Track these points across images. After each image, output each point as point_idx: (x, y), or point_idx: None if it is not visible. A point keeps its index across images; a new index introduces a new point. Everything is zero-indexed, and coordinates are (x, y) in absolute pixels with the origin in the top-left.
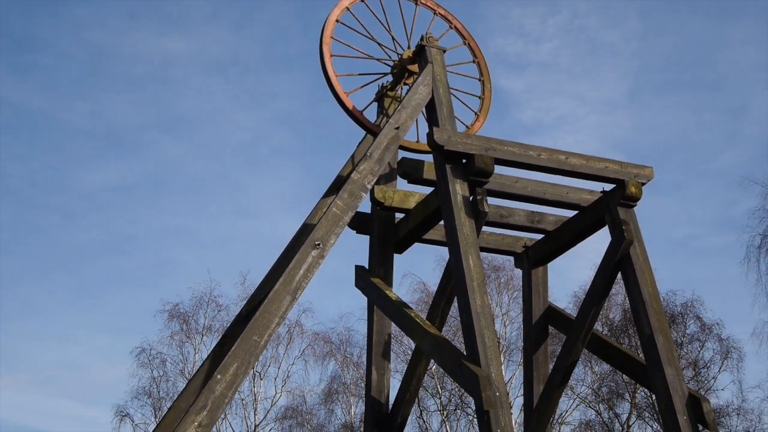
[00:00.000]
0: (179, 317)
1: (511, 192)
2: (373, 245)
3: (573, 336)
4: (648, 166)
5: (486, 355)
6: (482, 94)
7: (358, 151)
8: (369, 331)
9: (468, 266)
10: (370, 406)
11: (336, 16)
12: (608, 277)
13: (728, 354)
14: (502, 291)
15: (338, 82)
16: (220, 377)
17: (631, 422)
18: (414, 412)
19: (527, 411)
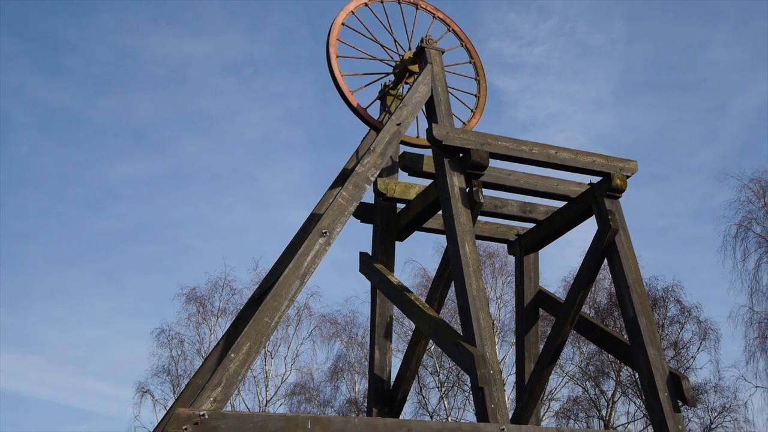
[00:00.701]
0: (196, 300)
1: (504, 184)
2: (376, 233)
3: (562, 318)
4: (632, 160)
5: (481, 336)
6: (478, 92)
7: (362, 145)
8: (372, 313)
9: (464, 253)
10: (373, 383)
11: (342, 19)
12: (595, 263)
13: (706, 335)
14: (497, 276)
15: (344, 81)
16: (234, 356)
17: (615, 399)
18: (414, 388)
19: (519, 388)
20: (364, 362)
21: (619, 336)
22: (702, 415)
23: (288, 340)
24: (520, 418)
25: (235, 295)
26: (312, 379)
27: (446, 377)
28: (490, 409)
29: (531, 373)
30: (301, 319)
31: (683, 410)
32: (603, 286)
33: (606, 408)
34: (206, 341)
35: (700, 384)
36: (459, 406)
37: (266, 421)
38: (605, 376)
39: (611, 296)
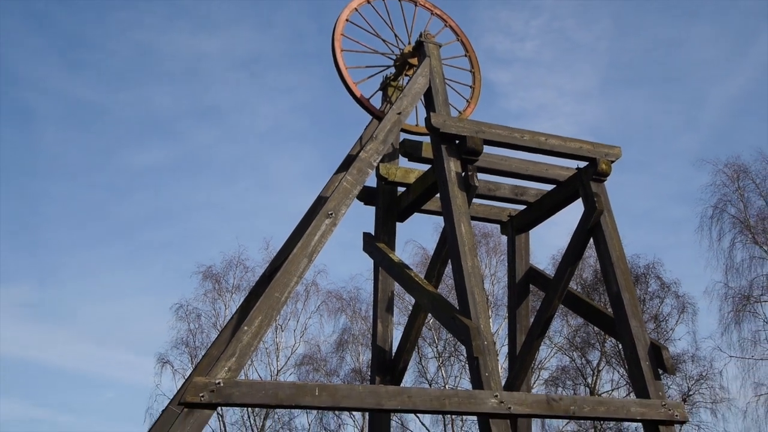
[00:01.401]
0: (212, 278)
1: (497, 168)
2: (378, 215)
3: (551, 293)
4: (617, 147)
5: (476, 310)
6: (473, 83)
7: (365, 133)
8: (375, 289)
9: (460, 233)
10: (375, 354)
11: (346, 16)
12: (582, 242)
13: (684, 309)
14: (491, 254)
15: (348, 74)
16: (247, 329)
17: (600, 368)
18: (414, 358)
19: (511, 358)
20: (367, 335)
21: (603, 310)
22: (680, 383)
23: (297, 314)
24: (512, 385)
25: (248, 273)
26: (319, 351)
27: (444, 348)
28: (485, 378)
29: (522, 344)
30: (309, 294)
31: (663, 378)
32: (589, 264)
33: (591, 376)
34: (221, 315)
35: (679, 354)
36: (456, 375)
37: (277, 389)
38: (591, 347)
39: (596, 273)
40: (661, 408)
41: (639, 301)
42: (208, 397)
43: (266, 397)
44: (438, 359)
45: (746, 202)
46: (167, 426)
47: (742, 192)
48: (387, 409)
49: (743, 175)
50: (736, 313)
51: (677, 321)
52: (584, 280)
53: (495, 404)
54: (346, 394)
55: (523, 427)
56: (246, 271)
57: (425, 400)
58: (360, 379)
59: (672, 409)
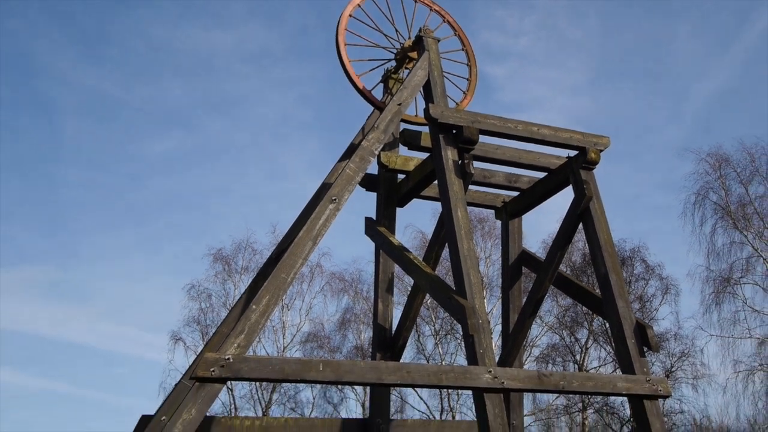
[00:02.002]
0: (222, 260)
1: (492, 157)
2: (379, 200)
3: (542, 275)
4: (605, 137)
5: (471, 290)
6: (469, 76)
7: (367, 123)
8: (376, 270)
9: (457, 218)
10: (376, 332)
11: (349, 11)
12: (571, 226)
13: (668, 290)
14: (486, 238)
15: (351, 67)
16: (255, 308)
17: (588, 345)
18: (412, 336)
19: (504, 336)
20: (368, 314)
21: (591, 290)
22: (664, 360)
23: (302, 294)
24: (505, 361)
25: (256, 255)
26: (323, 329)
27: (441, 326)
28: (479, 354)
29: (515, 323)
30: (314, 276)
31: (648, 355)
32: (578, 247)
33: (580, 353)
34: (231, 295)
35: (662, 333)
36: (452, 352)
37: (283, 364)
38: (579, 326)
39: (585, 256)
40: (646, 383)
41: (625, 283)
42: (218, 372)
43: (273, 372)
44: (435, 337)
45: (727, 189)
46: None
47: (723, 180)
48: (387, 384)
49: (724, 164)
50: (716, 294)
51: (661, 301)
52: (573, 262)
53: (489, 379)
54: (349, 370)
55: (516, 401)
56: (254, 253)
57: (423, 376)
58: (361, 356)
59: (656, 384)
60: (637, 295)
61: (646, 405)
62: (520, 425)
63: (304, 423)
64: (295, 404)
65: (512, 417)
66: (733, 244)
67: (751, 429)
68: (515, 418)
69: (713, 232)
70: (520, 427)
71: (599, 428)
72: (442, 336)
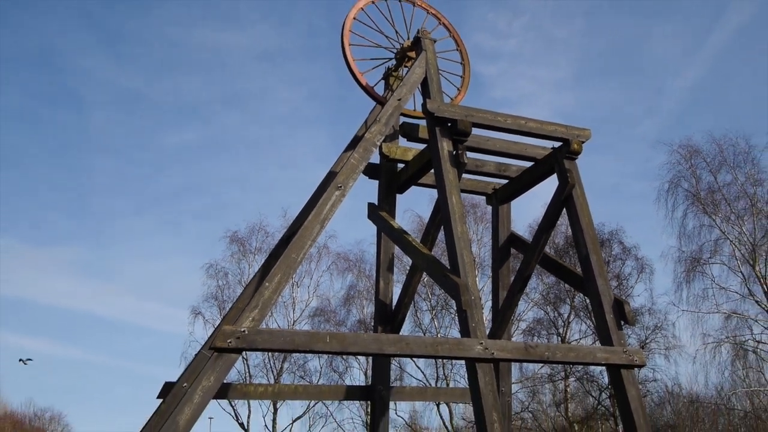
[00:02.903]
0: (237, 241)
1: (484, 148)
2: (381, 187)
3: (528, 255)
4: (587, 129)
5: (464, 269)
6: (463, 74)
7: (370, 117)
8: (378, 251)
9: (452, 203)
10: (378, 307)
11: (353, 14)
12: (556, 211)
13: (643, 269)
14: (477, 222)
15: (355, 65)
16: (268, 285)
17: (570, 320)
18: (411, 311)
19: (494, 311)
20: (371, 291)
21: (573, 269)
22: (639, 333)
23: (310, 273)
24: (494, 334)
25: (269, 237)
26: (329, 304)
27: (436, 302)
28: (471, 328)
29: (504, 299)
30: (321, 256)
31: (624, 328)
32: (561, 231)
33: (563, 327)
34: (245, 273)
35: (638, 308)
36: (446, 325)
37: (293, 336)
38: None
39: (568, 238)
40: (623, 354)
41: (604, 263)
42: (234, 343)
43: (284, 343)
44: (431, 312)
45: (697, 178)
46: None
47: (693, 169)
48: (387, 354)
49: (695, 154)
50: (687, 273)
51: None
52: (557, 244)
53: (480, 350)
54: (353, 341)
55: (504, 370)
56: (267, 235)
57: (421, 347)
58: (364, 329)
59: (632, 354)
60: (615, 274)
61: (623, 374)
62: (508, 392)
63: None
64: (304, 372)
65: (501, 384)
66: (702, 227)
67: (718, 395)
68: (504, 386)
69: (684, 217)
70: (508, 394)
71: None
72: (437, 311)
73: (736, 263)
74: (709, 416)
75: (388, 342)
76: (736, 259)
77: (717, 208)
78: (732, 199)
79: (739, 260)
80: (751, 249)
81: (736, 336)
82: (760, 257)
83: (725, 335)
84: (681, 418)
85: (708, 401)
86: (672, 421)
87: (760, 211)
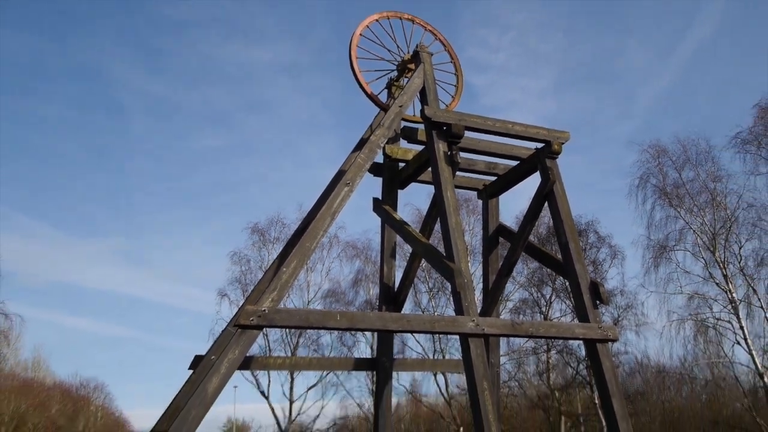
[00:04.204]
0: (258, 232)
1: (475, 148)
2: (384, 184)
3: (515, 243)
4: (566, 132)
5: (458, 256)
6: (457, 83)
7: (374, 121)
8: (382, 240)
9: (447, 197)
10: (382, 289)
11: (360, 31)
12: (539, 204)
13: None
14: (470, 214)
15: (362, 76)
16: (285, 270)
17: (552, 300)
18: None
19: (485, 292)
20: (376, 275)
21: (554, 256)
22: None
23: (323, 260)
24: (485, 313)
25: (285, 228)
26: (340, 287)
27: (433, 285)
28: (465, 307)
29: (493, 282)
30: (332, 244)
31: (599, 307)
32: (544, 221)
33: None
34: (265, 260)
35: (611, 289)
36: (442, 305)
37: (308, 314)
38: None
39: (549, 228)
40: (598, 330)
41: (581, 250)
42: (256, 321)
43: (300, 321)
44: (429, 293)
45: (664, 174)
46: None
47: (661, 167)
48: (391, 330)
49: (662, 154)
50: (655, 258)
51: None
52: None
53: (473, 326)
54: (360, 319)
55: (494, 344)
56: (284, 227)
57: (420, 323)
58: (371, 308)
59: (606, 330)
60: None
61: (598, 347)
62: (497, 363)
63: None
64: (317, 346)
65: (491, 357)
66: (668, 218)
67: (682, 366)
68: (493, 358)
69: (653, 209)
70: (497, 365)
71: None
72: (434, 292)
73: (698, 250)
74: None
75: (391, 319)
76: (698, 246)
77: (681, 202)
78: (694, 194)
79: (701, 247)
80: (712, 237)
81: (698, 314)
82: (719, 245)
83: (688, 313)
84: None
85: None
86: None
87: (719, 204)
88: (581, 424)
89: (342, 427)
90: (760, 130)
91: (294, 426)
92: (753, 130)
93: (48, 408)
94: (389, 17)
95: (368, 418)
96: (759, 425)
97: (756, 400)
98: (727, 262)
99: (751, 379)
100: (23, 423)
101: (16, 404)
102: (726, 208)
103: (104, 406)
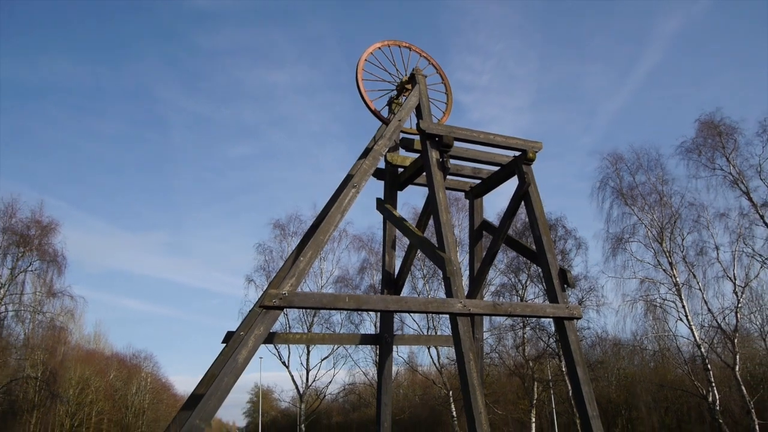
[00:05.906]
0: (279, 227)
1: (463, 156)
2: (386, 186)
3: (496, 236)
4: (539, 142)
5: (448, 247)
6: (447, 101)
7: (377, 133)
8: (384, 234)
9: (439, 198)
10: (384, 276)
11: (365, 56)
12: (516, 203)
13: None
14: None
15: (366, 95)
16: (302, 259)
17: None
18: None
19: (471, 278)
20: (379, 263)
21: (529, 247)
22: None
23: (334, 250)
24: (471, 295)
25: (302, 224)
26: (348, 273)
27: (427, 272)
28: (454, 290)
29: (477, 270)
30: (342, 237)
31: (567, 290)
32: (520, 218)
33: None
34: (285, 251)
35: (577, 275)
36: (435, 288)
37: (321, 297)
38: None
39: (525, 223)
40: (565, 309)
41: (552, 241)
42: (278, 302)
43: (315, 302)
44: (424, 279)
45: (621, 178)
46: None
47: (618, 172)
48: (391, 310)
49: (619, 161)
50: (612, 249)
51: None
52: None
53: (460, 307)
54: (366, 301)
55: (478, 322)
56: (301, 222)
57: (416, 304)
58: (374, 292)
59: (572, 310)
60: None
61: (565, 324)
62: (481, 338)
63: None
64: (329, 324)
65: (476, 332)
66: (624, 215)
67: (634, 339)
68: (477, 333)
69: (611, 207)
70: (481, 339)
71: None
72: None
73: (649, 242)
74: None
75: (392, 301)
76: (648, 238)
77: (635, 201)
78: (646, 194)
79: (651, 239)
80: (660, 231)
81: (648, 295)
82: (666, 237)
83: (640, 295)
84: (607, 356)
85: (627, 343)
86: (601, 358)
87: (666, 203)
88: (551, 389)
89: (350, 391)
90: (701, 140)
91: (310, 390)
92: (695, 141)
93: (107, 374)
94: (390, 45)
95: (372, 384)
96: (696, 387)
97: (694, 366)
98: (672, 252)
99: (691, 350)
100: (87, 386)
101: (81, 371)
102: (671, 206)
103: (152, 373)
